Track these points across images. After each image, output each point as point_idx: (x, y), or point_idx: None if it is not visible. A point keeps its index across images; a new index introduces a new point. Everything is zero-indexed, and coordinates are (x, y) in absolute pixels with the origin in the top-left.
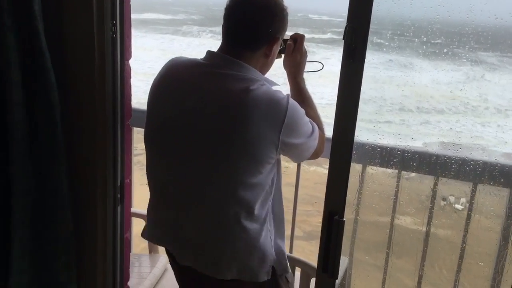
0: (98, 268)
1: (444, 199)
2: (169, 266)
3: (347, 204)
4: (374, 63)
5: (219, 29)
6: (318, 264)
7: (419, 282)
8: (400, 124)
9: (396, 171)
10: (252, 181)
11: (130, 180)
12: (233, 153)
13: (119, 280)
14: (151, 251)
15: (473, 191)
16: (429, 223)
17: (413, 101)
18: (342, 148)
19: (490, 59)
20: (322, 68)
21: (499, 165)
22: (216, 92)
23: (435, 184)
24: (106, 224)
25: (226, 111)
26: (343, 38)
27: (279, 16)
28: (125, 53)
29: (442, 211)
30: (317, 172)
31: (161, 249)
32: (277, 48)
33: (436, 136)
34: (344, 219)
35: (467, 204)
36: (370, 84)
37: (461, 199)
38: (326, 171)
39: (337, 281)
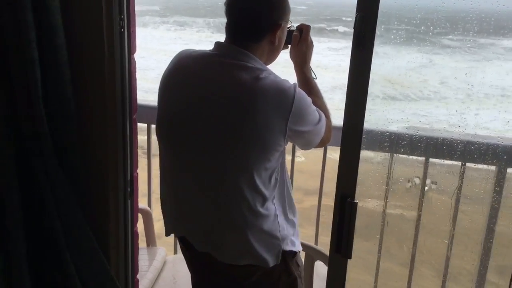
0: (112, 261)
1: (409, 180)
2: (168, 258)
3: (314, 190)
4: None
5: (182, 19)
6: (331, 245)
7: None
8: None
9: (366, 154)
10: (262, 168)
11: (137, 174)
12: (243, 141)
13: (131, 273)
14: (149, 244)
15: (462, 172)
16: (400, 206)
17: (379, 87)
18: (352, 134)
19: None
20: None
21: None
22: (225, 81)
23: (425, 166)
24: (118, 218)
25: (235, 100)
26: (354, 27)
27: (278, 3)
28: (131, 47)
29: (408, 193)
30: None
31: (159, 242)
32: (282, 33)
33: (402, 122)
34: (357, 201)
35: (432, 185)
36: (336, 73)
37: (427, 180)
38: (298, 159)
39: None
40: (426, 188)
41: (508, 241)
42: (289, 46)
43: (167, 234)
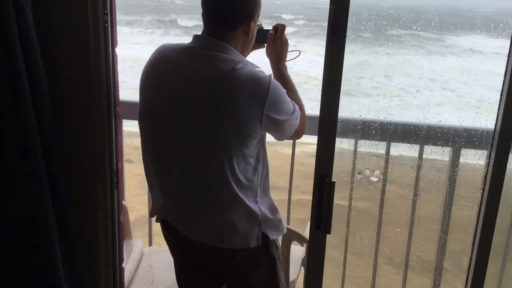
0: (101, 250)
1: (360, 172)
2: (144, 250)
3: (277, 186)
4: None
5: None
6: (311, 223)
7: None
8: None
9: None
10: (240, 154)
11: (122, 165)
12: (222, 128)
13: (118, 263)
14: (125, 237)
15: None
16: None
17: None
18: (329, 119)
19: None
20: (299, 54)
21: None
22: (205, 72)
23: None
24: (106, 208)
25: (215, 89)
26: (328, 19)
27: None
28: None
29: (359, 184)
30: None
31: (134, 235)
32: (254, 25)
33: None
34: (334, 180)
35: (381, 176)
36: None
37: (376, 171)
38: None
39: None
40: (376, 179)
41: (463, 227)
42: (265, 45)
43: (158, 220)
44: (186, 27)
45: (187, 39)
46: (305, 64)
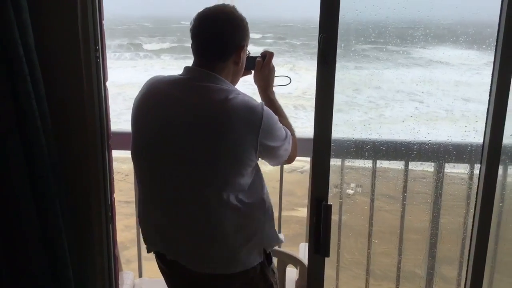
0: (98, 285)
1: (336, 186)
2: (136, 281)
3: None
4: None
5: None
6: (309, 247)
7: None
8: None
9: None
10: (236, 183)
11: (114, 198)
12: (218, 157)
13: None
14: None
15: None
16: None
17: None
18: (323, 142)
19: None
20: (290, 82)
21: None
22: (199, 103)
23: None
24: (102, 243)
25: (209, 120)
26: (318, 47)
27: (240, 26)
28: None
29: (335, 198)
30: None
31: (125, 266)
32: (244, 55)
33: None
34: (331, 203)
35: (357, 188)
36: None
37: (351, 184)
38: None
39: None
40: (352, 192)
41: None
42: (252, 72)
43: (149, 251)
44: (154, 50)
45: (157, 60)
46: (276, 81)
